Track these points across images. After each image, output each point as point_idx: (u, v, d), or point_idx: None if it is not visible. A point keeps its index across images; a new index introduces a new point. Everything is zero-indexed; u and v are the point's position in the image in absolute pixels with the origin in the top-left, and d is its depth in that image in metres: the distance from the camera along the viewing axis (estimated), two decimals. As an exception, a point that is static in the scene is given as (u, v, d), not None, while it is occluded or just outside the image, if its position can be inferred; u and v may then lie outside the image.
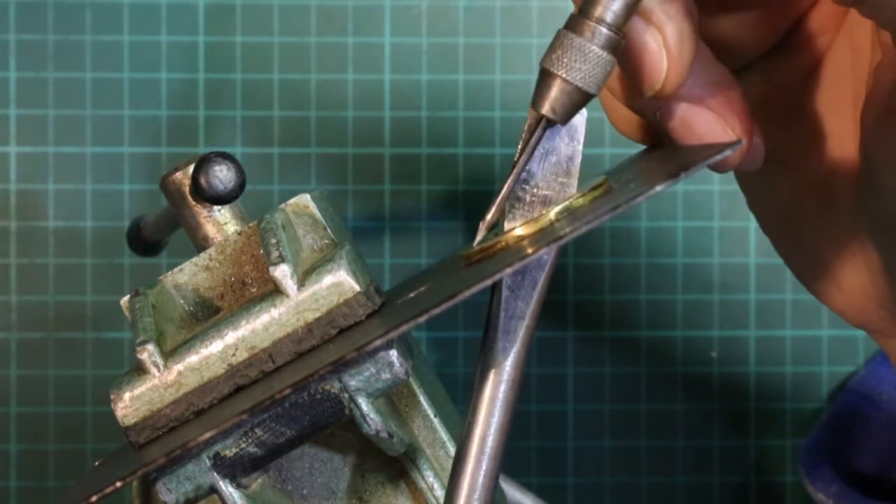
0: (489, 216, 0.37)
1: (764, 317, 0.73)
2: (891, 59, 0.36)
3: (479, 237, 0.37)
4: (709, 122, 0.38)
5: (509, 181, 0.36)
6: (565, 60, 0.35)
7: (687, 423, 0.73)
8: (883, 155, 0.37)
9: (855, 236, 0.40)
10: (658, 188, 0.33)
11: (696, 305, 0.73)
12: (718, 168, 0.39)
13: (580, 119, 0.37)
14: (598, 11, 0.35)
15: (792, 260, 0.43)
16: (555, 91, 0.35)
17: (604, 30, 0.35)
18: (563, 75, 0.35)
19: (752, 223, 0.73)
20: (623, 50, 0.35)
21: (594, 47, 0.35)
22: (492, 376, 0.37)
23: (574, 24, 0.35)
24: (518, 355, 0.37)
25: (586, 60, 0.35)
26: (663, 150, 0.40)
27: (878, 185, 0.38)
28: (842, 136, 0.41)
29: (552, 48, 0.35)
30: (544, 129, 0.36)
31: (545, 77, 0.35)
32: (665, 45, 0.36)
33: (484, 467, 0.37)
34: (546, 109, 0.35)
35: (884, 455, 0.71)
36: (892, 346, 0.43)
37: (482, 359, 0.38)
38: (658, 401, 0.73)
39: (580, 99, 0.35)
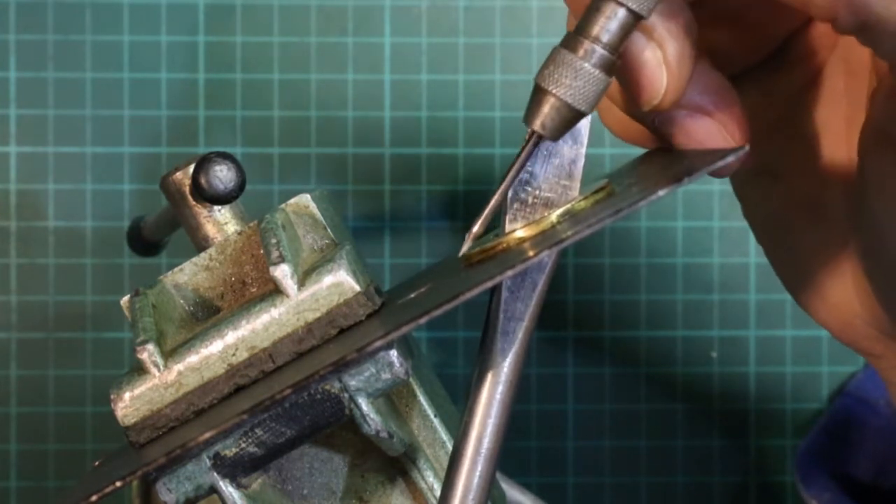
0: (476, 228, 0.37)
1: (764, 317, 0.73)
2: (887, 88, 0.37)
3: (464, 248, 0.37)
4: (708, 128, 0.38)
5: (497, 195, 0.36)
6: (556, 77, 0.35)
7: (687, 423, 0.73)
8: (877, 178, 0.37)
9: (844, 253, 0.40)
10: (661, 193, 0.33)
11: (696, 305, 0.73)
12: (716, 174, 0.39)
13: (584, 122, 0.37)
14: (594, 31, 0.35)
15: (782, 271, 0.44)
16: (546, 107, 0.35)
17: (599, 49, 0.35)
18: (555, 91, 0.35)
19: (752, 223, 0.73)
20: (621, 64, 0.35)
21: (587, 66, 0.35)
22: (489, 377, 0.37)
23: (569, 41, 0.35)
24: (516, 357, 0.37)
25: (578, 78, 0.35)
26: (666, 154, 0.40)
27: (870, 207, 0.38)
28: (833, 155, 0.41)
29: (546, 64, 0.35)
30: (535, 145, 0.36)
31: (537, 93, 0.35)
32: (665, 61, 0.36)
33: (479, 468, 0.37)
34: (537, 125, 0.35)
35: (880, 461, 0.71)
36: (881, 364, 0.43)
37: (480, 360, 0.38)
38: (658, 401, 0.73)
39: (571, 116, 0.35)
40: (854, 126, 0.40)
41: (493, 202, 0.36)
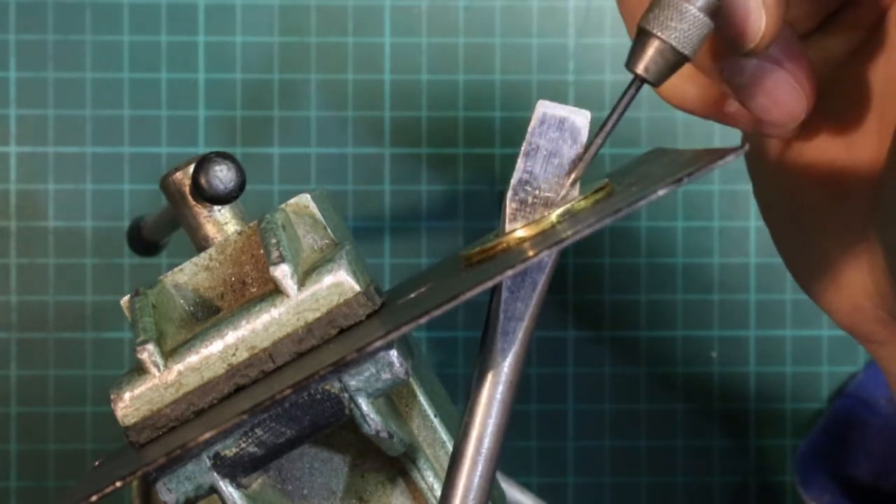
0: (574, 174, 0.37)
1: (764, 317, 0.73)
2: None
3: (562, 192, 0.37)
4: (777, 78, 0.38)
5: (597, 140, 0.36)
6: (662, 19, 0.35)
7: (687, 423, 0.73)
8: None
9: (863, 233, 0.40)
10: (660, 192, 0.33)
11: (696, 305, 0.73)
12: (770, 132, 0.39)
13: (583, 122, 0.37)
14: None
15: (791, 253, 0.43)
16: (651, 51, 0.35)
17: None
18: (660, 34, 0.35)
19: (752, 223, 0.73)
20: (721, 9, 0.36)
21: (692, 9, 0.35)
22: (490, 377, 0.37)
23: None
24: (517, 357, 0.37)
25: (683, 20, 0.35)
26: (666, 153, 0.40)
27: None
28: (864, 133, 0.41)
29: (650, 8, 0.35)
30: (638, 89, 0.36)
31: (641, 36, 0.35)
32: (765, 3, 0.36)
33: (480, 468, 0.37)
34: (640, 69, 0.35)
35: (880, 461, 0.71)
36: (882, 352, 0.43)
37: (480, 360, 0.38)
38: (658, 401, 0.73)
39: (675, 60, 0.35)
40: (887, 103, 0.40)
41: (592, 150, 0.37)
